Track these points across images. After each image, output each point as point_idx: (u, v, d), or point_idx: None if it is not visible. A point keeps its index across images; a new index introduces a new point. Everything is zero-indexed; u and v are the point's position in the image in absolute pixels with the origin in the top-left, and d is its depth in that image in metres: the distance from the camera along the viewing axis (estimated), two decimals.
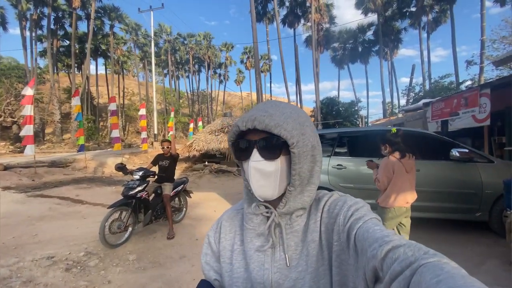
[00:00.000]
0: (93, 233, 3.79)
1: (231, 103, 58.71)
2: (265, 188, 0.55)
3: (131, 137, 34.28)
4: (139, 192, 3.71)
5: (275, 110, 0.55)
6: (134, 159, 13.64)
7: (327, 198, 0.59)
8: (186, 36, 39.91)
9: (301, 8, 30.62)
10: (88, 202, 6.21)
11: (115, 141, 11.83)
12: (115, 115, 12.03)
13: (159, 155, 4.47)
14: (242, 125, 0.54)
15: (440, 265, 0.33)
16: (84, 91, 25.99)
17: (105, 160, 12.33)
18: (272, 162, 0.54)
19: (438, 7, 27.55)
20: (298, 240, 0.56)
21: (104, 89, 36.80)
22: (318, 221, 0.56)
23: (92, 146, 21.88)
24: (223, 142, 11.16)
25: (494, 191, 3.71)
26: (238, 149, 0.57)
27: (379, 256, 0.39)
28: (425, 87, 27.30)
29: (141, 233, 4.04)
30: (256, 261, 0.57)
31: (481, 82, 20.87)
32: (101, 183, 8.74)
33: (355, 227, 0.48)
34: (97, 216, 4.74)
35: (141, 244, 3.64)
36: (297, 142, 0.53)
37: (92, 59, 32.46)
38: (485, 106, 5.86)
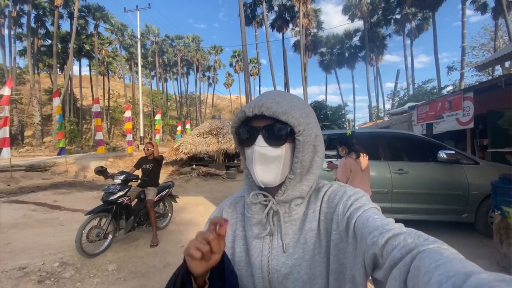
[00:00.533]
0: (70, 241, 3.54)
1: (220, 106, 58.38)
2: (268, 174, 0.55)
3: (117, 140, 33.32)
4: (120, 198, 3.50)
5: (282, 98, 0.55)
6: (118, 163, 13.18)
7: (326, 188, 0.59)
8: (174, 38, 39.42)
9: (290, 13, 30.97)
10: (66, 208, 5.87)
11: (98, 144, 11.38)
12: (99, 117, 11.59)
13: (142, 158, 4.27)
14: (249, 110, 0.54)
15: (439, 251, 0.33)
16: (66, 92, 25.06)
17: (87, 163, 11.83)
18: (277, 149, 0.55)
19: (421, 15, 28.57)
20: (296, 228, 0.57)
21: (89, 91, 35.68)
22: (317, 210, 0.57)
23: (74, 150, 21.04)
24: (212, 145, 10.98)
25: (479, 193, 3.76)
26: (243, 135, 0.58)
27: (380, 243, 0.40)
28: (409, 91, 28.15)
29: (122, 241, 3.80)
30: (255, 248, 0.58)
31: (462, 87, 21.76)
32: (82, 188, 8.34)
33: (355, 216, 0.48)
34: (75, 223, 4.45)
35: (122, 253, 3.42)
36: (303, 130, 0.54)
37: (75, 60, 31.41)
38: (469, 109, 6.01)
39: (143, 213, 3.98)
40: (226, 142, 11.00)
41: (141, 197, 4.02)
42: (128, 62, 36.48)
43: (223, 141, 11.08)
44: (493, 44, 23.16)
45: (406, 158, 4.13)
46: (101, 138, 11.58)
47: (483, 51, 24.50)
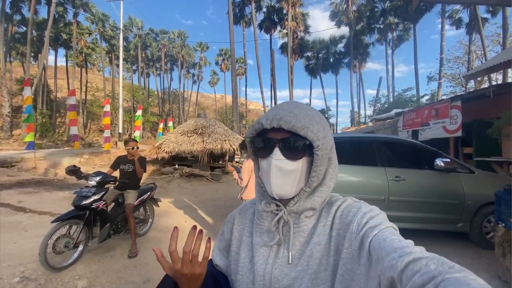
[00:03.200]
0: (34, 250, 3.03)
1: (204, 105, 57.40)
2: (284, 186, 0.55)
3: (93, 135, 31.57)
4: (95, 202, 3.06)
5: (299, 111, 0.55)
6: (94, 160, 12.33)
7: (340, 203, 0.58)
8: (159, 32, 38.14)
9: (278, 15, 31.03)
10: (32, 210, 5.23)
11: (73, 139, 10.54)
12: (74, 110, 10.74)
13: (120, 158, 3.83)
14: (267, 123, 0.54)
15: (466, 281, 0.31)
16: (40, 83, 23.33)
17: (59, 160, 10.91)
18: (294, 162, 0.55)
19: (402, 26, 29.71)
20: (303, 240, 0.56)
21: (64, 82, 33.58)
22: (328, 225, 0.56)
23: (46, 144, 19.55)
24: (196, 144, 10.51)
25: (475, 202, 3.72)
26: (258, 145, 0.58)
27: (399, 267, 0.37)
28: (390, 99, 29.15)
29: (95, 251, 3.35)
30: (261, 255, 0.58)
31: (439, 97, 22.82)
32: (52, 187, 7.59)
33: (370, 235, 0.46)
34: (41, 228, 3.92)
35: (94, 266, 2.98)
36: (321, 145, 0.54)
37: (51, 49, 29.44)
38: (456, 117, 6.12)
39: (121, 219, 3.56)
40: (211, 142, 10.60)
41: (119, 201, 3.59)
42: (109, 55, 34.75)
43: (208, 140, 10.66)
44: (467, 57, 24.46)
45: (403, 165, 4.02)
46: (76, 133, 10.74)
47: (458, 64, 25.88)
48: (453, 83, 25.07)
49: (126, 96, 33.24)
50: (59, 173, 9.49)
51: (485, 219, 3.70)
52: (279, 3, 29.18)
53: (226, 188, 8.80)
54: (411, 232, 3.84)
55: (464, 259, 3.34)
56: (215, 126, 11.64)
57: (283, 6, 28.64)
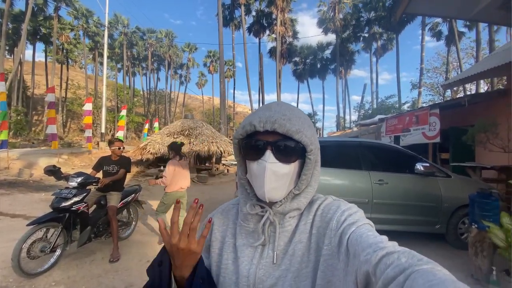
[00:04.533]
0: (6, 256, 2.87)
1: (191, 106, 56.72)
2: (277, 190, 0.55)
3: (73, 135, 30.35)
4: (76, 204, 2.94)
5: (292, 113, 0.55)
6: (74, 161, 11.85)
7: (320, 202, 0.59)
8: (146, 31, 37.39)
9: (267, 19, 31.34)
10: (4, 213, 4.94)
11: (51, 139, 10.06)
12: (53, 108, 10.29)
13: (104, 159, 3.71)
14: (260, 125, 0.53)
15: (433, 272, 0.34)
16: (15, 78, 22.17)
17: (35, 160, 10.39)
18: (287, 165, 0.55)
19: (386, 35, 30.86)
20: (286, 240, 0.57)
21: (42, 79, 32.07)
22: (308, 223, 0.57)
23: (20, 143, 18.55)
24: (183, 146, 10.36)
25: (451, 205, 3.91)
26: (248, 147, 0.57)
27: (373, 261, 0.39)
28: (373, 105, 30.11)
29: (74, 255, 3.21)
30: (246, 256, 0.58)
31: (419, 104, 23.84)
32: (26, 189, 7.20)
33: (348, 232, 0.48)
34: (14, 231, 3.72)
35: (72, 271, 2.85)
36: (314, 149, 0.55)
37: (29, 43, 28.11)
38: (435, 124, 6.42)
39: (103, 221, 3.43)
40: (198, 143, 10.48)
41: (101, 203, 3.47)
42: (92, 52, 33.64)
43: (195, 142, 10.53)
44: (445, 68, 25.77)
45: (386, 169, 4.16)
46: (54, 132, 10.27)
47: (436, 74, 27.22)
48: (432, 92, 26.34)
49: (110, 95, 32.28)
50: (35, 173, 9.03)
51: (460, 221, 3.89)
52: (268, 7, 29.51)
53: (213, 190, 8.71)
54: (393, 234, 3.97)
55: (440, 259, 3.49)
56: (202, 127, 11.54)
57: (272, 11, 28.98)
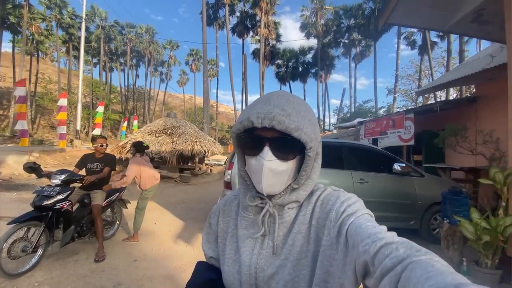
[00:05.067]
0: None
1: (172, 104, 55.45)
2: (274, 186, 0.55)
3: (42, 132, 28.50)
4: (59, 202, 2.83)
5: (291, 108, 0.53)
6: (46, 159, 11.16)
7: (320, 193, 0.59)
8: (125, 26, 36.02)
9: (251, 20, 31.55)
10: None
11: (21, 135, 9.41)
12: (24, 103, 9.64)
13: (87, 156, 3.59)
14: (258, 121, 0.52)
15: (431, 263, 0.34)
16: None
17: (2, 158, 9.65)
18: (285, 163, 0.54)
19: (364, 42, 32.25)
20: (286, 230, 0.57)
21: (9, 71, 29.79)
22: (308, 214, 0.57)
23: None
24: (165, 145, 10.14)
25: (424, 202, 4.23)
26: (245, 143, 0.57)
27: (372, 251, 0.40)
28: (352, 109, 31.32)
29: (56, 255, 3.07)
30: (247, 246, 0.59)
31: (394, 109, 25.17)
32: None
33: (347, 223, 0.49)
34: None
35: (57, 271, 2.74)
36: (313, 145, 0.54)
37: None
38: (410, 128, 6.87)
39: (87, 220, 3.32)
40: (182, 143, 10.31)
41: (84, 201, 3.35)
42: (66, 44, 31.81)
43: (178, 141, 10.35)
44: (418, 75, 27.43)
45: (366, 169, 4.41)
46: (24, 128, 9.61)
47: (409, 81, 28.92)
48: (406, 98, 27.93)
49: (85, 91, 30.68)
50: (3, 172, 8.42)
51: (432, 217, 4.22)
52: (252, 9, 29.70)
53: (196, 190, 8.62)
54: None
55: None
56: (185, 126, 11.36)
57: (256, 13, 29.21)
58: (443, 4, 3.19)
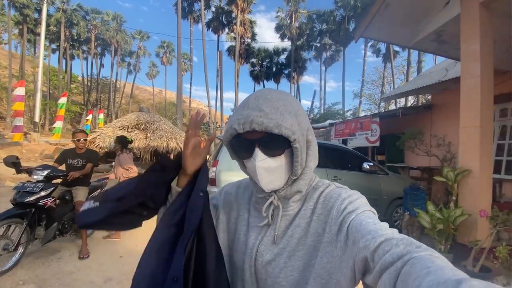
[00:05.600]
0: None
1: (139, 98, 52.73)
2: (273, 182, 0.58)
3: None
4: (42, 199, 2.73)
5: (269, 106, 0.54)
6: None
7: (323, 189, 0.61)
8: (89, 11, 33.35)
9: (227, 17, 31.30)
10: None
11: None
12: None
13: (67, 151, 3.47)
14: (239, 127, 0.54)
15: (431, 259, 0.34)
16: None
17: None
18: (277, 158, 0.56)
19: (335, 47, 33.87)
20: (288, 223, 0.60)
21: None
22: (309, 209, 0.59)
23: None
24: (138, 141, 9.78)
25: (388, 198, 4.77)
26: (237, 149, 0.59)
27: (372, 247, 0.41)
28: (321, 110, 32.79)
29: (37, 253, 2.95)
30: (254, 233, 0.63)
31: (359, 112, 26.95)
32: None
33: (348, 220, 0.50)
34: None
35: (40, 269, 2.65)
36: (298, 136, 0.54)
37: None
38: (376, 131, 7.56)
39: (68, 218, 3.22)
40: (156, 139, 10.04)
41: (66, 198, 3.25)
42: (19, 26, 28.57)
43: (152, 137, 10.05)
44: (381, 81, 29.62)
45: (339, 167, 4.83)
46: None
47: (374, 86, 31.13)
48: (369, 102, 30.04)
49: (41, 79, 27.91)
50: None
51: (394, 210, 4.79)
52: (228, 6, 29.48)
53: None
54: None
55: None
56: (160, 122, 11.05)
57: (233, 10, 29.07)
58: (410, 24, 3.67)
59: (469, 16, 2.78)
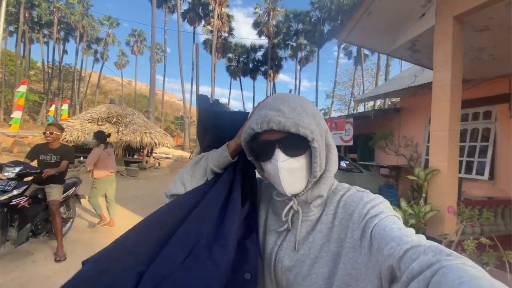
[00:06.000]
0: None
1: (106, 88, 49.61)
2: (295, 184, 0.56)
3: None
4: (15, 198, 2.51)
5: (286, 106, 0.55)
6: None
7: (343, 192, 0.60)
8: None
9: (203, 9, 30.53)
10: None
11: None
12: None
13: (40, 146, 3.21)
14: (257, 127, 0.54)
15: (464, 268, 0.32)
16: None
17: None
18: (298, 158, 0.56)
19: (309, 47, 34.73)
20: (309, 228, 0.59)
21: None
22: (330, 214, 0.58)
23: None
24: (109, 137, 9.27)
25: None
26: (257, 151, 0.59)
27: (397, 255, 0.39)
28: None
29: (9, 256, 2.71)
30: (273, 236, 0.61)
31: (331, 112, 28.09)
32: None
33: (371, 225, 0.48)
34: None
35: (15, 273, 2.44)
36: (316, 136, 0.54)
37: None
38: (349, 130, 7.98)
39: (41, 218, 3.00)
40: (129, 133, 9.59)
41: (38, 197, 3.01)
42: None
43: (125, 131, 9.59)
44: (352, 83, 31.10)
45: None
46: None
47: (344, 87, 32.62)
48: (340, 102, 31.45)
49: None
50: None
51: None
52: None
53: (148, 185, 8.21)
54: None
55: None
56: (133, 115, 10.57)
57: (210, 2, 28.42)
58: (389, 32, 3.93)
59: (443, 29, 3.06)
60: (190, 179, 0.66)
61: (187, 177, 0.66)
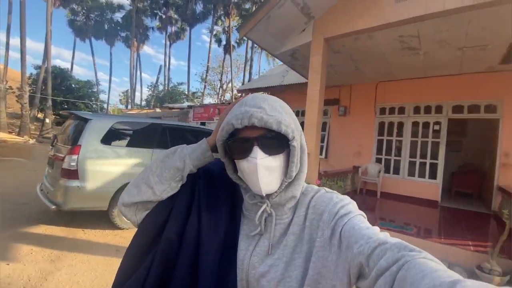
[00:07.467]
0: None
1: None
2: (271, 183, 0.56)
3: None
4: None
5: (267, 105, 0.55)
6: None
7: (313, 194, 0.60)
8: None
9: None
10: None
11: None
12: None
13: None
14: (237, 122, 0.53)
15: (425, 262, 0.36)
16: None
17: None
18: (276, 157, 0.55)
19: (180, 24, 32.91)
20: (282, 231, 0.58)
21: None
22: (302, 215, 0.58)
23: None
24: None
25: None
26: (234, 148, 0.56)
27: (366, 252, 0.41)
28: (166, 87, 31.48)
29: None
30: (244, 242, 0.59)
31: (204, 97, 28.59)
32: None
33: (341, 224, 0.49)
34: None
35: None
36: (296, 136, 0.55)
37: None
38: None
39: None
40: None
41: None
42: None
43: None
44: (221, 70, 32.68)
45: None
46: None
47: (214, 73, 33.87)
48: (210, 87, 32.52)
49: None
50: None
51: None
52: None
53: None
54: None
55: None
56: None
57: None
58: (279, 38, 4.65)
59: (317, 45, 4.04)
60: (158, 180, 0.61)
61: (153, 179, 0.61)
